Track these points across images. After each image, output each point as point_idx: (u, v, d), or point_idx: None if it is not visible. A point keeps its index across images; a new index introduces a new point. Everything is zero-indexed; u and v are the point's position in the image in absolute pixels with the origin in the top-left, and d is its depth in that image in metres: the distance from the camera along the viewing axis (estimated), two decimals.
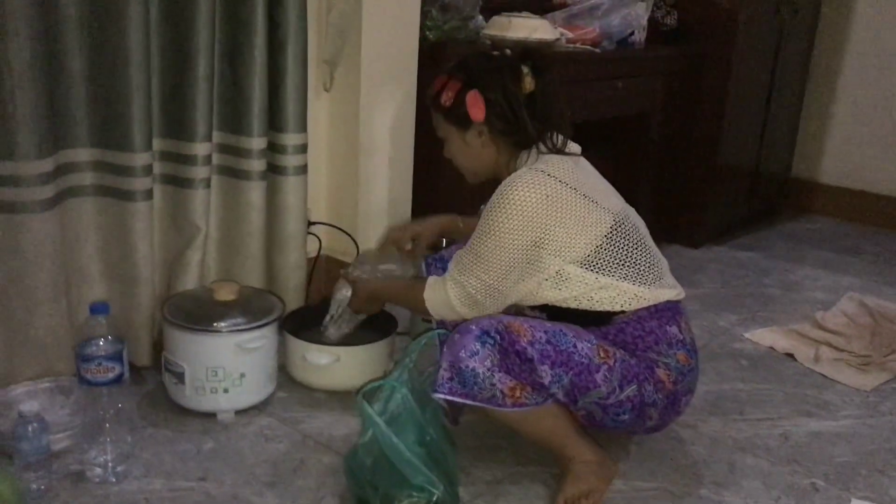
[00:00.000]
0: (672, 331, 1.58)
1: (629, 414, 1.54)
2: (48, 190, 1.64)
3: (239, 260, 2.04)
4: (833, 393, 2.09)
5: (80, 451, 1.57)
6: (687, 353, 1.59)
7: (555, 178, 1.53)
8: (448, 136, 1.67)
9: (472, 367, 1.43)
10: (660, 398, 1.56)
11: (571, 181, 1.55)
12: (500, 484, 1.62)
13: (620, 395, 1.51)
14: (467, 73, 1.61)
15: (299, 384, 1.92)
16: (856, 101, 3.66)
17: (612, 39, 2.70)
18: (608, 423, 1.57)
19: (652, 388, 1.54)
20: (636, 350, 1.55)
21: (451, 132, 1.65)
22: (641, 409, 1.55)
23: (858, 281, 2.93)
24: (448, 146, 1.69)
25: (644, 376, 1.53)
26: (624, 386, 1.51)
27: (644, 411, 1.56)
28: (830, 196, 3.79)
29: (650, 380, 1.54)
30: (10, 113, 1.56)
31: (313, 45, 2.09)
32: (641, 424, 1.60)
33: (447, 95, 1.60)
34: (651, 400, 1.55)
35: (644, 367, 1.54)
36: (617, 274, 1.55)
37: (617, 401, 1.52)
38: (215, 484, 1.56)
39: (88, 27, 1.68)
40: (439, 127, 1.68)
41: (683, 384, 1.59)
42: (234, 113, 1.95)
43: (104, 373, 1.49)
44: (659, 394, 1.55)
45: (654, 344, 1.56)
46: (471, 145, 1.64)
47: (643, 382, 1.53)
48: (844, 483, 1.70)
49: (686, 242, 3.21)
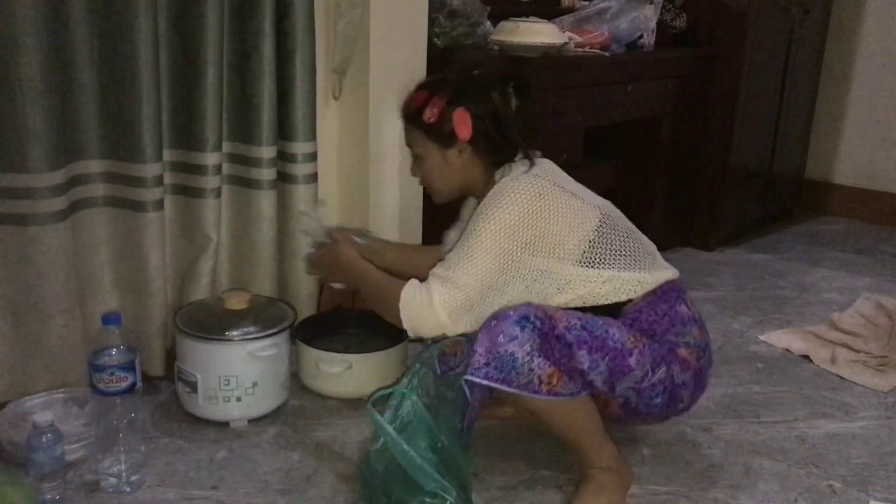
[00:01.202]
0: (682, 310, 1.60)
1: (661, 397, 1.55)
2: (60, 202, 1.65)
3: (250, 269, 2.04)
4: (850, 394, 2.07)
5: (95, 461, 1.57)
6: (700, 329, 1.62)
7: (544, 178, 1.57)
8: (425, 154, 1.64)
9: (511, 352, 1.41)
10: (688, 378, 1.57)
11: (559, 181, 1.60)
12: (513, 489, 1.61)
13: (653, 378, 1.52)
14: (454, 89, 1.59)
15: (312, 392, 1.92)
16: (869, 101, 3.64)
17: (621, 43, 2.70)
18: (643, 409, 1.58)
19: (679, 368, 1.55)
20: (655, 335, 1.55)
21: (429, 149, 1.63)
22: (673, 391, 1.56)
23: (874, 281, 2.91)
24: (422, 163, 1.66)
25: (670, 358, 1.54)
26: (655, 369, 1.52)
27: (675, 393, 1.57)
28: (845, 196, 3.77)
29: (676, 360, 1.55)
30: (21, 126, 1.57)
31: (322, 53, 2.09)
32: (674, 408, 1.61)
33: (432, 112, 1.58)
34: (680, 381, 1.56)
35: (667, 350, 1.55)
36: (616, 265, 1.56)
37: (650, 384, 1.52)
38: (228, 493, 1.56)
39: (98, 39, 1.69)
40: (415, 143, 1.65)
41: (705, 358, 1.62)
42: (243, 122, 1.95)
43: (117, 383, 1.49)
44: (686, 373, 1.56)
45: (670, 326, 1.57)
46: (450, 163, 1.63)
47: (671, 364, 1.54)
48: (862, 485, 1.68)
49: (700, 245, 3.19)
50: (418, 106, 1.60)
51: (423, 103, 1.59)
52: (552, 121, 2.40)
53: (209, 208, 1.89)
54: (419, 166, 1.67)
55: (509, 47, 2.36)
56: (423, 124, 1.60)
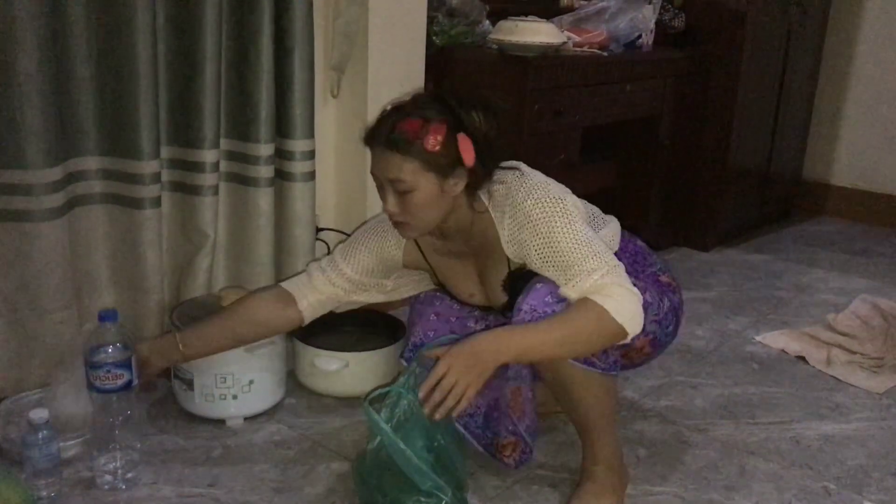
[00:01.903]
0: (639, 244, 1.69)
1: (672, 324, 1.63)
2: (57, 198, 1.65)
3: (247, 267, 2.04)
4: (845, 395, 2.07)
5: (90, 457, 1.57)
6: (655, 255, 1.71)
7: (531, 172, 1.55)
8: (417, 185, 1.43)
9: (555, 311, 1.41)
10: (676, 298, 1.65)
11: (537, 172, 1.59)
12: (509, 489, 1.61)
13: (663, 308, 1.60)
14: (451, 113, 1.44)
15: (308, 390, 1.93)
16: (867, 102, 3.64)
17: (620, 43, 2.70)
18: (663, 340, 1.63)
19: (671, 293, 1.63)
20: (638, 274, 1.59)
21: (424, 180, 1.43)
22: (677, 315, 1.64)
23: (871, 283, 2.91)
24: (410, 197, 1.45)
25: (662, 288, 1.62)
26: (661, 300, 1.59)
27: (679, 318, 1.65)
28: (842, 198, 3.77)
29: (665, 288, 1.63)
30: (18, 122, 1.57)
31: (320, 51, 2.09)
32: (678, 330, 1.68)
33: (435, 139, 1.41)
34: (676, 302, 1.64)
35: (655, 282, 1.61)
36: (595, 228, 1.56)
37: (664, 314, 1.60)
38: (224, 490, 1.56)
39: (96, 36, 1.69)
40: (406, 175, 1.43)
41: (676, 278, 1.70)
42: (241, 120, 1.95)
43: (113, 380, 1.49)
44: (676, 295, 1.65)
45: (643, 260, 1.65)
46: (446, 193, 1.46)
47: (665, 293, 1.62)
48: (857, 486, 1.68)
49: (697, 245, 3.20)
50: (414, 134, 1.42)
51: (420, 131, 1.42)
52: (550, 120, 2.40)
53: (207, 205, 1.89)
54: (405, 201, 1.45)
55: (508, 46, 2.36)
56: (425, 153, 1.42)
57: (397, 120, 1.44)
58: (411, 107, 1.47)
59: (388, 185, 1.46)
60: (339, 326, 2.07)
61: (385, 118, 1.48)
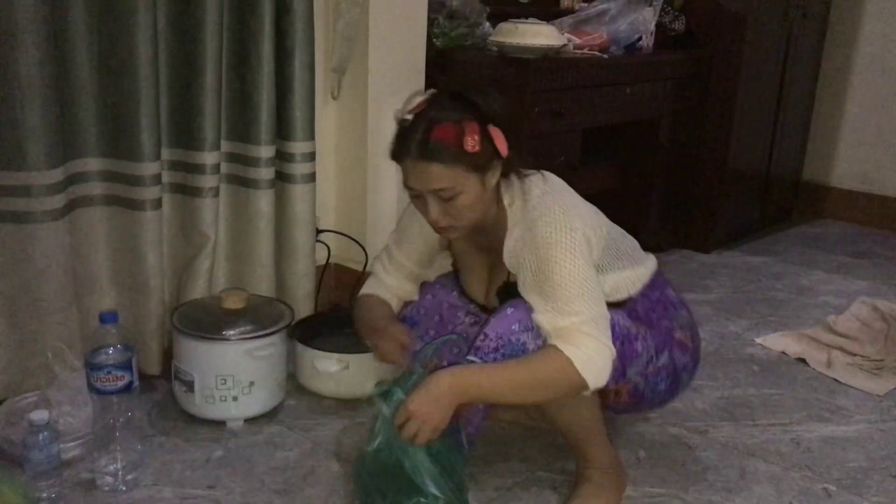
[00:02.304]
0: (670, 294, 1.62)
1: (665, 382, 1.56)
2: (58, 200, 1.66)
3: (248, 268, 2.04)
4: (845, 398, 2.07)
5: (91, 459, 1.57)
6: (687, 310, 1.64)
7: (563, 193, 1.51)
8: (464, 188, 1.41)
9: (523, 341, 1.40)
10: (688, 360, 1.59)
11: (570, 194, 1.54)
12: (510, 490, 1.61)
13: (657, 363, 1.53)
14: (474, 108, 1.41)
15: (309, 392, 1.93)
16: (867, 104, 3.64)
17: (620, 45, 2.70)
18: (648, 396, 1.57)
19: (679, 351, 1.57)
20: (651, 323, 1.54)
21: (469, 182, 1.41)
22: (676, 374, 1.58)
23: (871, 285, 2.91)
24: (456, 201, 1.43)
25: (670, 343, 1.55)
26: (658, 354, 1.53)
27: (679, 377, 1.59)
28: (842, 200, 3.77)
29: (675, 344, 1.56)
30: (19, 123, 1.57)
31: (321, 53, 2.10)
32: (676, 391, 1.62)
33: (473, 139, 1.38)
34: (682, 364, 1.58)
35: (666, 335, 1.55)
36: (618, 265, 1.54)
37: (655, 369, 1.54)
38: (225, 492, 1.56)
39: (97, 37, 1.69)
40: (452, 181, 1.40)
41: (698, 337, 1.64)
42: (242, 122, 1.95)
43: (114, 381, 1.49)
44: (686, 355, 1.58)
45: (664, 312, 1.57)
46: (487, 188, 1.45)
47: (671, 349, 1.55)
48: (857, 488, 1.68)
49: (697, 247, 3.20)
50: (452, 139, 1.38)
51: (458, 135, 1.38)
52: (550, 122, 2.40)
53: (207, 207, 1.89)
54: (450, 206, 1.43)
55: (508, 48, 2.36)
56: (465, 156, 1.38)
57: (428, 128, 1.39)
58: (434, 110, 1.42)
59: (429, 195, 1.43)
60: (339, 328, 2.07)
61: (411, 128, 1.41)
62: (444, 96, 1.46)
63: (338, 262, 2.34)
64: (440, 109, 1.42)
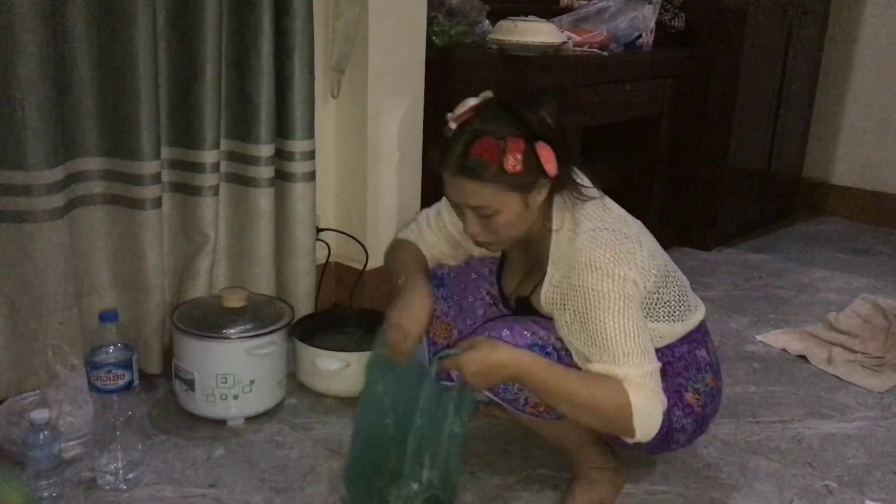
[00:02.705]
0: (701, 354, 1.52)
1: (656, 443, 1.45)
2: (58, 199, 1.65)
3: (248, 267, 2.04)
4: (846, 394, 2.07)
5: (92, 458, 1.57)
6: (714, 376, 1.54)
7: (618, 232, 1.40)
8: (503, 207, 1.35)
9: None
10: (688, 423, 1.50)
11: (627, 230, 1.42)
12: (510, 488, 1.61)
13: None
14: (522, 122, 1.32)
15: (309, 390, 1.93)
16: (867, 101, 3.64)
17: (620, 42, 2.70)
18: (631, 445, 1.45)
19: (681, 412, 1.48)
20: (665, 374, 1.44)
21: (508, 201, 1.35)
22: (669, 433, 1.48)
23: (872, 282, 2.91)
24: (494, 220, 1.37)
25: (673, 401, 1.45)
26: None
27: (670, 436, 1.49)
28: (843, 197, 3.77)
29: (679, 404, 1.48)
30: (19, 123, 1.57)
31: (320, 52, 2.09)
32: (666, 448, 1.54)
33: (514, 158, 1.30)
34: (679, 425, 1.49)
35: (672, 392, 1.46)
36: (653, 316, 1.45)
37: None
38: (226, 490, 1.56)
39: (96, 36, 1.69)
40: (489, 200, 1.34)
41: (712, 406, 1.54)
42: (241, 120, 1.95)
43: (114, 380, 1.49)
44: (687, 418, 1.49)
45: (683, 370, 1.49)
46: (531, 207, 1.38)
47: (672, 408, 1.45)
48: (858, 485, 1.68)
49: (697, 245, 3.19)
50: (492, 157, 1.30)
51: (497, 152, 1.31)
52: None
53: (207, 206, 1.89)
54: (489, 223, 1.38)
55: (508, 46, 2.36)
56: (505, 175, 1.31)
57: (469, 142, 1.32)
58: (478, 121, 1.34)
59: (468, 210, 1.38)
60: (339, 326, 2.07)
61: (453, 140, 1.35)
62: (493, 105, 1.37)
63: (338, 260, 2.34)
64: (485, 121, 1.34)
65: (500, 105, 1.36)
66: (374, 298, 2.28)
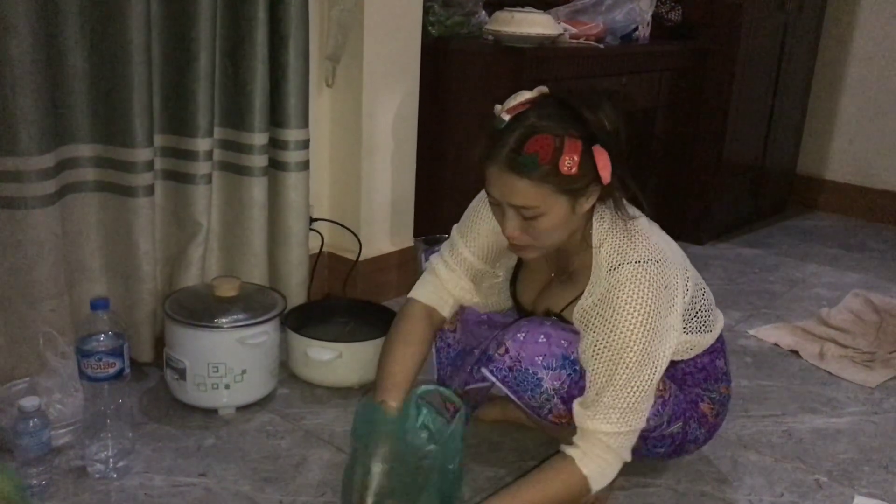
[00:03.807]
0: (720, 364, 1.52)
1: (667, 448, 1.47)
2: (50, 185, 1.64)
3: (241, 256, 2.04)
4: (838, 390, 2.08)
5: (82, 446, 1.57)
6: (727, 385, 1.55)
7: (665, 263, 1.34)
8: (548, 209, 1.28)
9: (539, 377, 1.35)
10: (702, 433, 1.50)
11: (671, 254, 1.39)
12: (502, 480, 1.61)
13: (666, 430, 1.45)
14: (581, 122, 1.26)
15: (301, 380, 1.92)
16: (862, 97, 3.64)
17: (616, 35, 2.70)
18: (643, 453, 1.48)
19: (696, 424, 1.48)
20: (685, 385, 1.47)
21: (557, 204, 1.28)
22: (682, 444, 1.50)
23: (864, 277, 2.92)
24: (538, 222, 1.30)
25: (690, 413, 1.47)
26: (672, 422, 1.45)
27: (683, 447, 1.51)
28: (836, 192, 3.78)
29: (695, 416, 1.48)
30: (10, 108, 1.55)
31: (315, 40, 2.08)
32: (675, 457, 1.55)
33: (571, 159, 1.22)
34: (693, 437, 1.50)
35: (690, 403, 1.47)
36: (689, 328, 1.43)
37: (660, 434, 1.46)
38: (216, 480, 1.56)
39: (89, 22, 1.68)
40: (537, 200, 1.27)
41: (723, 414, 1.55)
42: (235, 108, 1.94)
43: (105, 368, 1.48)
44: (702, 429, 1.50)
45: (702, 380, 1.49)
46: (577, 214, 1.31)
47: (689, 420, 1.47)
48: (849, 479, 1.69)
49: (691, 239, 3.19)
50: (548, 156, 1.23)
51: (556, 151, 1.23)
52: None
53: (200, 194, 1.88)
54: (531, 225, 1.31)
55: (504, 37, 2.35)
56: (559, 177, 1.24)
57: (523, 136, 1.25)
58: (535, 117, 1.26)
59: (510, 209, 1.30)
60: (332, 317, 2.07)
61: (506, 132, 1.27)
62: (551, 100, 1.30)
63: (331, 250, 2.34)
64: (543, 117, 1.26)
65: (558, 101, 1.29)
66: (367, 289, 2.28)
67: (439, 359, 1.65)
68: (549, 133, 1.24)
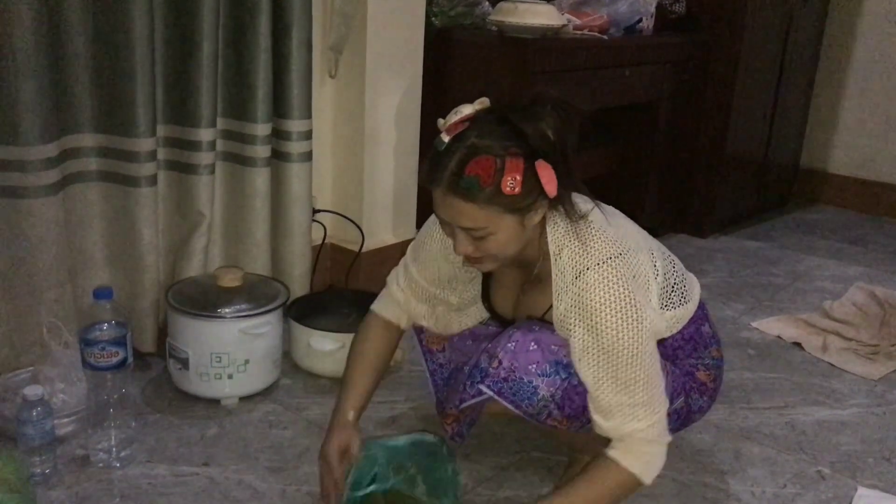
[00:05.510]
0: (705, 330, 1.50)
1: (674, 424, 1.44)
2: (52, 175, 1.64)
3: (243, 247, 2.03)
4: (840, 382, 2.08)
5: (85, 435, 1.57)
6: (717, 346, 1.53)
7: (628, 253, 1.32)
8: (498, 229, 1.26)
9: (534, 385, 1.32)
10: (704, 401, 1.50)
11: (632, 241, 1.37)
12: (504, 470, 1.61)
13: (670, 408, 1.40)
14: (521, 138, 1.21)
15: (304, 371, 1.92)
16: (866, 91, 3.63)
17: (620, 26, 2.69)
18: None
19: (697, 394, 1.48)
20: (677, 359, 1.46)
21: (504, 223, 1.25)
22: (688, 416, 1.50)
23: (867, 271, 2.91)
24: (488, 240, 1.28)
25: (689, 385, 1.46)
26: (674, 399, 1.43)
27: (690, 418, 1.51)
28: (839, 186, 3.77)
29: (694, 387, 1.47)
30: (14, 98, 1.55)
31: (318, 31, 2.08)
32: (683, 427, 1.55)
33: (513, 179, 1.19)
34: (697, 406, 1.50)
35: (686, 375, 1.46)
36: (669, 304, 1.41)
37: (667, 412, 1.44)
38: (219, 469, 1.56)
39: (92, 11, 1.67)
40: (484, 221, 1.25)
41: (720, 377, 1.54)
42: (238, 99, 1.94)
43: (108, 357, 1.48)
44: (703, 397, 1.49)
45: (692, 350, 1.48)
46: (527, 227, 1.29)
47: (690, 392, 1.46)
48: (851, 471, 1.69)
49: (694, 232, 3.19)
50: (489, 178, 1.20)
51: (495, 172, 1.20)
52: None
53: (203, 185, 1.88)
54: (481, 244, 1.29)
55: (507, 28, 2.34)
56: (503, 197, 1.21)
57: (464, 159, 1.21)
58: (475, 136, 1.22)
59: (459, 231, 1.28)
60: (334, 307, 2.07)
61: (446, 154, 1.23)
62: (491, 116, 1.25)
63: (334, 241, 2.34)
64: (483, 135, 1.22)
65: (498, 117, 1.24)
66: (369, 280, 2.28)
67: (434, 381, 1.63)
68: (489, 153, 1.20)
